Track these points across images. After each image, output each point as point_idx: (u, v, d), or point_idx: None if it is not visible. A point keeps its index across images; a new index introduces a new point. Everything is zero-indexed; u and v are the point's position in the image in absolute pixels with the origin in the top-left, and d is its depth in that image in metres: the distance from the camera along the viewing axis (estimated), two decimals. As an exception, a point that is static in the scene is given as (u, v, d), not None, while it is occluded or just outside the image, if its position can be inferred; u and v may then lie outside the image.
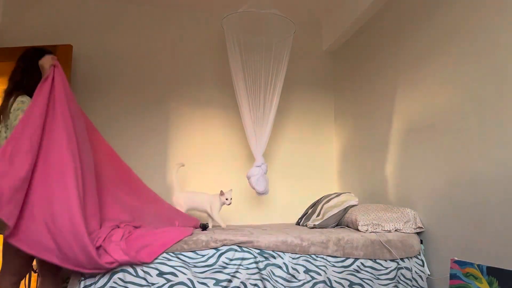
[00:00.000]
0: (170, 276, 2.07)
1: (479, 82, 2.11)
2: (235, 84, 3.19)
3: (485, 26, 2.09)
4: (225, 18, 3.07)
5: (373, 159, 3.20)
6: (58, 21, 3.63)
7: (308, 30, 4.07)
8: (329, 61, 4.12)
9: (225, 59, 3.32)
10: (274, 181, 3.69)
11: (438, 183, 2.40)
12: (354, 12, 3.33)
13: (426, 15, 2.59)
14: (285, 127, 3.93)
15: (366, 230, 2.49)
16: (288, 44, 3.22)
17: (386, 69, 3.05)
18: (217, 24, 3.30)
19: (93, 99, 3.62)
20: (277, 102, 3.20)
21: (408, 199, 2.70)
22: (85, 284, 1.98)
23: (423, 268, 2.38)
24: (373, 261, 2.31)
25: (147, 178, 3.59)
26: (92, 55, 3.65)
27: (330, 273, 2.24)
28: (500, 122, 1.97)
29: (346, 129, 3.75)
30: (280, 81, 3.20)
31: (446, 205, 2.32)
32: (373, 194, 3.18)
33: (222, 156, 3.76)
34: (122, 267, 2.02)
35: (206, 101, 3.80)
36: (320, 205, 3.03)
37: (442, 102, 2.40)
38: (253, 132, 3.16)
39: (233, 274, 2.13)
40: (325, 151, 3.99)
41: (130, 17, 3.77)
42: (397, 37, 2.92)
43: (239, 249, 2.18)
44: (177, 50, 3.82)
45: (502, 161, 1.94)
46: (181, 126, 3.74)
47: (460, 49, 2.27)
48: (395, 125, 2.92)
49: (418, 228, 2.48)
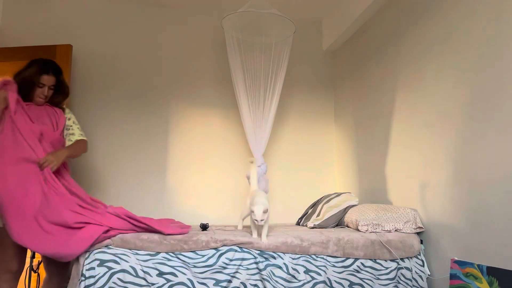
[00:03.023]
0: (170, 276, 2.07)
1: (479, 82, 2.11)
2: (235, 84, 3.19)
3: (486, 25, 2.08)
4: (225, 18, 3.07)
5: (373, 159, 3.20)
6: (58, 21, 3.63)
7: (308, 30, 4.07)
8: (329, 61, 4.12)
9: (225, 59, 3.32)
10: (274, 181, 3.69)
11: (438, 183, 2.40)
12: (354, 12, 3.33)
13: (426, 15, 2.59)
14: (285, 127, 3.93)
15: (366, 230, 2.49)
16: (288, 44, 3.21)
17: (386, 69, 3.05)
18: (217, 24, 3.30)
19: (92, 99, 3.62)
20: (277, 102, 3.20)
21: (408, 199, 2.70)
22: (85, 284, 1.98)
23: (423, 268, 2.38)
24: (373, 261, 2.31)
25: (147, 178, 3.63)
26: (92, 55, 3.65)
27: (330, 273, 2.24)
28: (500, 122, 1.97)
29: (346, 129, 3.75)
30: (280, 81, 3.20)
31: (446, 205, 2.32)
32: (373, 194, 3.18)
33: (222, 156, 3.76)
34: (122, 267, 2.02)
35: (206, 101, 3.81)
36: (320, 205, 3.03)
37: (442, 102, 2.40)
38: (253, 132, 3.16)
39: (233, 275, 2.13)
40: (325, 151, 3.99)
41: (130, 17, 3.77)
42: (397, 37, 2.92)
43: (239, 250, 2.18)
44: (177, 50, 3.82)
45: (502, 161, 1.94)
46: (181, 126, 3.74)
47: (460, 48, 2.27)
48: (395, 125, 2.92)
49: (418, 228, 2.48)
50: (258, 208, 2.21)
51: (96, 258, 2.03)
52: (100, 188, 3.54)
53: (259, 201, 2.29)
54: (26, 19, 3.57)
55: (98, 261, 2.02)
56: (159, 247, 2.12)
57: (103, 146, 3.59)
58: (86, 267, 2.01)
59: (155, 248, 2.12)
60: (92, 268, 2.01)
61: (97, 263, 2.02)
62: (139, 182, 3.60)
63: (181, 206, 3.63)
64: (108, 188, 3.55)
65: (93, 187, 3.53)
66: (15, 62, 3.30)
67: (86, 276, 1.99)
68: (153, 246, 2.12)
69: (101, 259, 2.03)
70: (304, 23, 3.99)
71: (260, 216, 2.20)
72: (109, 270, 2.02)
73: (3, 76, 2.43)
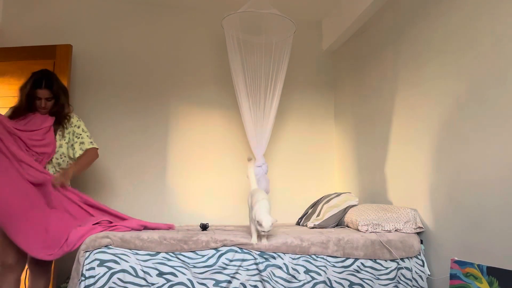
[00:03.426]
0: (170, 276, 2.07)
1: (479, 82, 2.11)
2: (235, 84, 3.19)
3: (485, 25, 2.08)
4: (225, 18, 3.07)
5: (373, 159, 3.20)
6: (58, 21, 3.63)
7: (308, 30, 4.07)
8: (329, 61, 4.12)
9: (225, 59, 3.32)
10: (274, 181, 3.69)
11: (438, 183, 2.40)
12: (354, 12, 3.33)
13: (426, 15, 2.59)
14: (285, 127, 3.93)
15: (366, 230, 2.49)
16: (288, 44, 3.21)
17: (386, 69, 3.05)
18: (217, 24, 3.30)
19: (92, 99, 3.62)
20: (277, 102, 3.20)
21: (408, 199, 2.69)
22: (85, 284, 1.98)
23: (423, 268, 2.38)
24: (373, 261, 2.31)
25: (147, 178, 3.62)
26: (92, 55, 3.65)
27: (330, 273, 2.24)
28: (500, 122, 1.97)
29: (346, 129, 3.75)
30: (280, 81, 3.20)
31: (446, 205, 2.32)
32: (373, 194, 3.18)
33: (222, 156, 3.76)
34: (122, 267, 2.02)
35: (206, 101, 3.81)
36: (320, 205, 3.03)
37: (442, 102, 2.40)
38: (253, 132, 3.16)
39: (233, 275, 2.12)
40: (325, 151, 3.99)
41: (130, 17, 3.77)
42: (397, 37, 2.92)
43: (239, 250, 2.18)
44: (177, 50, 3.82)
45: (502, 161, 1.94)
46: (181, 126, 3.74)
47: (460, 48, 2.27)
48: (395, 125, 2.92)
49: (418, 228, 2.48)
50: (267, 221, 2.11)
51: (96, 258, 2.03)
52: (100, 188, 3.54)
53: (265, 211, 2.19)
54: (26, 19, 3.57)
55: (98, 261, 2.02)
56: (159, 247, 2.12)
57: (102, 146, 3.55)
58: (86, 267, 2.00)
59: (155, 248, 2.12)
60: (92, 268, 2.00)
61: (97, 263, 2.02)
62: (139, 182, 3.60)
63: (181, 206, 3.63)
64: (107, 188, 3.55)
65: (93, 187, 3.53)
66: (15, 62, 3.32)
67: (86, 276, 1.99)
68: (153, 246, 2.12)
69: (101, 259, 2.03)
70: (304, 23, 3.99)
71: (269, 228, 2.12)
72: (109, 270, 2.01)
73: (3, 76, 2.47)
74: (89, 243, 2.07)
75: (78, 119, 2.59)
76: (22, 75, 3.28)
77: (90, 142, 2.55)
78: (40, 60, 3.31)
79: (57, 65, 3.30)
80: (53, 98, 2.48)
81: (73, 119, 2.56)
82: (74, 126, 2.54)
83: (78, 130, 2.54)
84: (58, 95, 2.50)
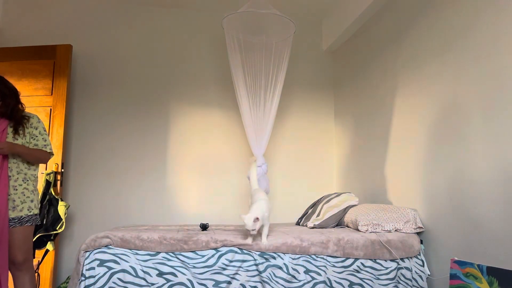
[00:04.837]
0: (170, 276, 2.07)
1: (479, 82, 2.11)
2: (235, 84, 3.19)
3: (486, 25, 2.08)
4: (225, 18, 3.07)
5: (373, 159, 3.20)
6: (58, 21, 3.63)
7: (308, 30, 4.08)
8: (329, 61, 4.12)
9: (225, 59, 3.32)
10: (274, 181, 3.69)
11: (438, 183, 2.40)
12: (354, 12, 3.33)
13: (425, 15, 2.59)
14: (285, 127, 3.93)
15: (366, 230, 2.49)
16: (288, 44, 3.21)
17: (386, 69, 3.05)
18: (217, 24, 3.30)
19: (92, 99, 3.62)
20: (277, 102, 3.20)
21: (408, 199, 2.70)
22: (85, 284, 1.98)
23: (423, 268, 2.38)
24: (373, 261, 2.31)
25: (147, 178, 3.63)
26: (92, 55, 3.65)
27: (330, 273, 2.24)
28: (500, 122, 1.97)
29: (346, 129, 3.75)
30: (280, 81, 3.19)
31: (446, 205, 2.32)
32: (373, 194, 3.18)
33: (222, 156, 3.76)
34: (122, 267, 2.02)
35: (206, 101, 3.81)
36: (320, 205, 3.03)
37: (442, 102, 2.40)
38: (253, 132, 3.16)
39: (233, 276, 2.12)
40: (325, 151, 3.99)
41: (130, 17, 3.78)
42: (397, 37, 2.92)
43: (239, 251, 2.18)
44: (177, 50, 3.82)
45: (502, 161, 1.94)
46: (181, 126, 3.74)
47: (460, 48, 2.27)
48: (395, 125, 2.92)
49: (418, 228, 2.48)
50: (248, 218, 2.08)
51: (96, 258, 2.03)
52: (100, 188, 3.54)
53: (252, 207, 2.19)
54: (26, 19, 3.58)
55: (98, 261, 2.02)
56: (159, 247, 2.13)
57: (102, 146, 3.59)
58: (86, 267, 2.01)
59: (155, 248, 2.12)
60: (92, 268, 2.01)
61: (97, 263, 2.02)
62: (139, 181, 3.60)
63: (181, 206, 3.63)
64: (107, 188, 3.55)
65: (93, 187, 3.53)
66: (15, 62, 3.33)
67: (86, 276, 1.99)
68: (153, 246, 2.12)
69: (101, 259, 2.03)
70: (304, 23, 3.99)
71: (251, 226, 2.07)
72: (109, 270, 2.02)
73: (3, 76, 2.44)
74: (89, 243, 2.07)
75: (38, 120, 2.47)
76: (22, 75, 3.30)
77: (44, 144, 2.44)
78: (40, 60, 3.31)
79: (57, 65, 3.30)
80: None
81: (33, 119, 2.44)
82: (32, 128, 2.43)
83: (36, 131, 2.46)
84: (5, 95, 2.37)
